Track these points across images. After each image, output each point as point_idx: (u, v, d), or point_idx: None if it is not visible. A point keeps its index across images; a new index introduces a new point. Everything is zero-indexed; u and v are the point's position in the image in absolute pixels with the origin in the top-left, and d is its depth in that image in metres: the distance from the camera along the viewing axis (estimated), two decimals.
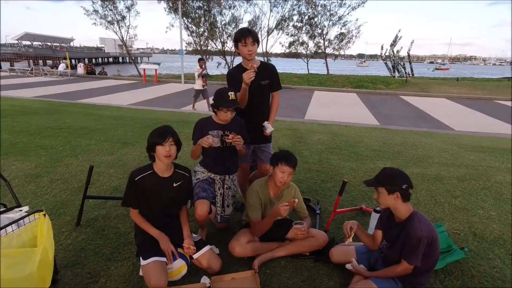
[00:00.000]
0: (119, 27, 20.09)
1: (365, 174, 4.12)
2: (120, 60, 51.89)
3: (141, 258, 2.00)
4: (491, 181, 3.98)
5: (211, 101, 2.68)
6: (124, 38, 20.75)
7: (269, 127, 2.67)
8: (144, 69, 17.05)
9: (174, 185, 2.13)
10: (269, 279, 2.16)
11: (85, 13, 19.58)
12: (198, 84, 9.26)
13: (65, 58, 21.63)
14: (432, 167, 4.45)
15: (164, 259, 2.02)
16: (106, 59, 48.90)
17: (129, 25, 20.44)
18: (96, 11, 19.41)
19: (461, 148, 5.46)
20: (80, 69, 19.34)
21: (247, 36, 2.47)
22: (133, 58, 26.66)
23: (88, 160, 4.31)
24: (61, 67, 18.79)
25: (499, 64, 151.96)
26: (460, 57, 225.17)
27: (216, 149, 2.37)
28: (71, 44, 44.08)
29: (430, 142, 5.81)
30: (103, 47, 49.40)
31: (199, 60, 9.57)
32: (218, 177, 2.56)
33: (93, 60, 43.29)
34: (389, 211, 2.09)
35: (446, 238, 2.38)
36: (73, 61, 33.29)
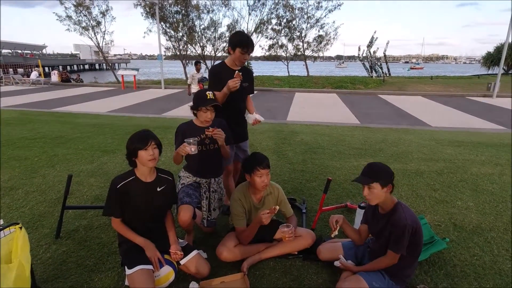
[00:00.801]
0: (94, 33, 19.54)
1: (348, 172, 4.18)
2: (97, 67, 50.62)
3: (126, 267, 1.93)
4: (467, 174, 4.14)
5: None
6: (100, 44, 20.20)
7: (258, 116, 2.73)
8: (122, 76, 16.69)
9: (158, 189, 2.08)
10: (259, 280, 2.15)
11: (57, 19, 18.95)
12: (195, 89, 8.72)
13: (37, 66, 20.78)
14: (412, 162, 4.58)
15: (150, 267, 1.96)
16: (82, 66, 47.58)
17: (104, 31, 19.92)
18: (69, 17, 18.81)
19: (439, 143, 5.66)
20: (54, 77, 18.66)
21: (250, 47, 2.58)
22: (110, 64, 26.03)
23: (66, 170, 4.15)
24: (34, 75, 18.05)
25: (469, 63, 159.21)
26: (433, 57, 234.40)
27: (200, 153, 2.34)
28: (44, 51, 42.65)
29: (409, 139, 5.99)
30: (78, 53, 48.09)
31: (196, 63, 9.05)
32: (204, 181, 2.53)
33: (68, 68, 41.99)
34: (374, 205, 2.13)
35: (428, 230, 2.45)
36: (46, 68, 32.18)
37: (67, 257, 2.37)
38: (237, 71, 2.58)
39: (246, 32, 21.96)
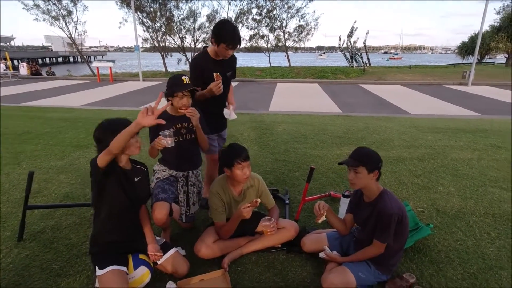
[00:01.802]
0: (65, 23, 18.54)
1: (331, 160, 4.12)
2: (71, 59, 48.53)
3: (97, 267, 1.76)
4: (448, 159, 4.17)
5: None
6: (73, 35, 19.23)
7: (232, 114, 2.57)
8: (97, 68, 15.96)
9: (136, 179, 1.91)
10: (241, 276, 2.03)
11: (24, 8, 17.82)
12: None
13: (5, 58, 19.56)
14: (394, 149, 4.58)
15: (124, 268, 1.80)
16: (54, 59, 45.40)
17: (77, 21, 18.96)
18: (37, 6, 17.72)
19: (419, 130, 5.71)
20: (23, 70, 17.61)
21: (237, 45, 2.39)
22: (85, 57, 24.90)
23: (33, 167, 3.87)
24: (1, 67, 16.99)
25: (445, 53, 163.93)
26: (410, 47, 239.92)
27: (176, 144, 2.16)
28: (12, 43, 40.32)
29: (390, 126, 6.01)
30: (50, 46, 45.78)
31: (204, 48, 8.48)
32: (181, 174, 2.36)
33: (40, 60, 39.92)
34: (359, 194, 2.06)
35: (413, 217, 2.41)
36: (15, 61, 30.42)
37: (31, 261, 2.16)
38: (216, 73, 2.41)
39: None
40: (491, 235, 2.48)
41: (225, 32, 2.35)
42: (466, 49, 27.45)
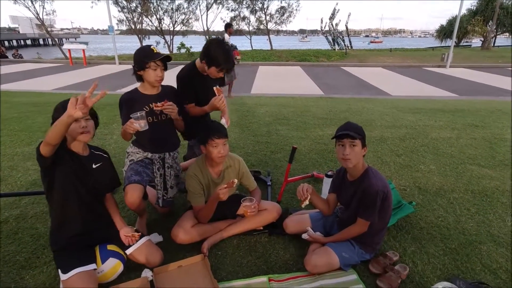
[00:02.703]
0: (31, 1, 17.26)
1: (313, 141, 4.06)
2: (41, 42, 45.78)
3: (60, 271, 1.60)
4: (428, 138, 4.20)
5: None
6: (40, 15, 17.97)
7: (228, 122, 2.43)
8: (69, 50, 15.08)
9: (94, 166, 1.75)
10: (221, 261, 1.95)
11: None
12: None
13: None
14: (376, 130, 4.58)
15: (91, 266, 1.63)
16: (22, 41, 42.67)
17: None
18: None
19: (400, 111, 5.74)
20: None
21: (230, 69, 2.19)
22: (56, 39, 23.43)
23: None
24: None
25: (424, 36, 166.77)
26: (391, 31, 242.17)
27: (150, 125, 1.99)
28: None
29: (372, 107, 6.01)
30: (17, 27, 42.85)
31: (228, 25, 7.25)
32: (157, 156, 2.21)
33: (6, 43, 37.42)
34: (342, 173, 1.99)
35: (396, 195, 2.38)
36: None
37: None
38: (216, 87, 2.19)
39: (206, 3, 20.81)
40: (470, 210, 2.50)
41: (218, 56, 2.13)
42: (444, 32, 27.90)
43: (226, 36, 7.17)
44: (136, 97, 2.07)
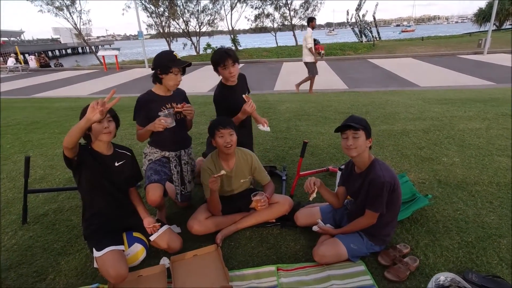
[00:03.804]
0: (69, 13, 18.54)
1: (333, 136, 4.05)
2: (80, 50, 48.82)
3: (94, 249, 1.81)
4: (454, 130, 4.03)
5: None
6: (78, 25, 19.26)
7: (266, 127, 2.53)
8: (103, 57, 16.04)
9: (116, 164, 1.93)
10: (233, 251, 2.05)
11: None
12: (308, 57, 6.82)
13: (15, 53, 19.87)
14: (399, 122, 4.45)
15: (121, 247, 1.85)
16: (64, 50, 45.80)
17: (80, 10, 18.93)
18: None
19: (426, 102, 5.51)
20: (32, 63, 17.89)
21: (229, 58, 2.29)
22: (92, 47, 24.99)
23: (39, 155, 3.97)
24: (10, 61, 17.24)
25: (461, 22, 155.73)
26: (424, 18, 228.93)
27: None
28: (22, 37, 40.75)
29: (397, 100, 5.83)
30: (59, 38, 45.99)
31: (310, 20, 6.95)
32: (173, 154, 2.36)
33: (50, 53, 40.32)
34: (350, 166, 2.01)
35: (410, 188, 2.35)
36: (27, 55, 30.86)
37: (34, 242, 2.25)
38: (245, 95, 2.34)
39: (230, 3, 21.05)
40: (493, 204, 2.40)
41: (214, 57, 2.33)
42: (483, 16, 26.05)
43: (309, 30, 6.89)
44: (153, 98, 2.23)
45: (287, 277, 1.80)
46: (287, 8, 21.87)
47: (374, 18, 22.19)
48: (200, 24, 21.03)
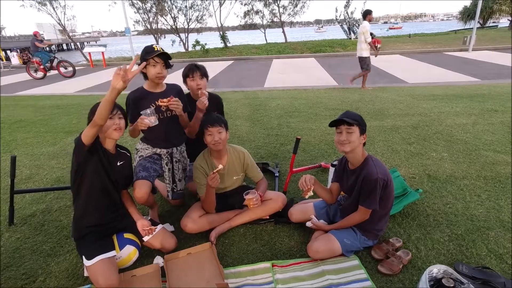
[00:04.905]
0: (53, 8, 17.98)
1: (324, 132, 4.08)
2: (65, 47, 47.51)
3: (84, 258, 1.75)
4: (442, 125, 4.11)
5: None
6: (62, 21, 18.72)
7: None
8: (89, 53, 15.67)
9: (118, 164, 1.90)
10: (228, 248, 2.05)
11: None
12: (365, 51, 6.45)
13: None
14: (388, 118, 4.51)
15: (112, 253, 1.79)
16: (48, 47, 44.52)
17: (64, 5, 18.39)
18: None
19: (414, 99, 5.60)
20: (15, 59, 17.35)
21: (195, 71, 2.44)
22: (78, 43, 24.36)
23: (25, 154, 3.86)
24: None
25: (447, 19, 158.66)
26: (411, 15, 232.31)
27: (158, 121, 2.11)
28: (3, 33, 39.39)
29: (386, 96, 5.91)
30: (42, 34, 44.61)
31: (366, 13, 6.56)
32: (165, 151, 2.33)
33: None
34: (344, 162, 2.02)
35: (401, 183, 2.39)
36: (8, 52, 29.89)
37: (21, 243, 2.19)
38: (201, 91, 2.32)
39: (218, 1, 20.82)
40: (481, 197, 2.47)
41: (184, 70, 2.50)
42: (468, 13, 26.49)
43: (366, 23, 6.47)
44: (143, 95, 2.19)
45: (282, 273, 1.80)
46: (276, 4, 21.79)
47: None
48: (188, 21, 20.76)
